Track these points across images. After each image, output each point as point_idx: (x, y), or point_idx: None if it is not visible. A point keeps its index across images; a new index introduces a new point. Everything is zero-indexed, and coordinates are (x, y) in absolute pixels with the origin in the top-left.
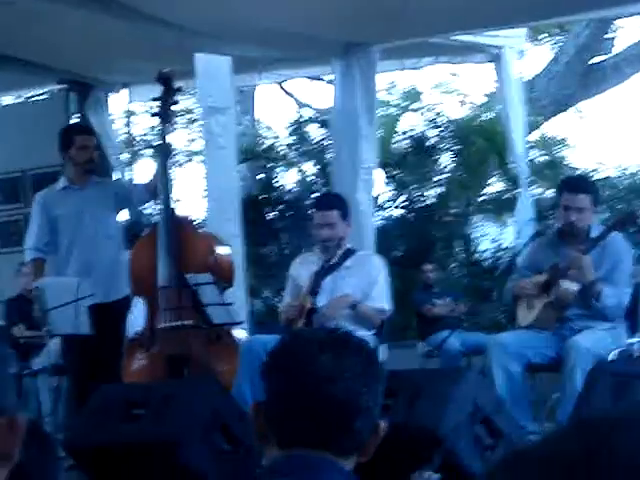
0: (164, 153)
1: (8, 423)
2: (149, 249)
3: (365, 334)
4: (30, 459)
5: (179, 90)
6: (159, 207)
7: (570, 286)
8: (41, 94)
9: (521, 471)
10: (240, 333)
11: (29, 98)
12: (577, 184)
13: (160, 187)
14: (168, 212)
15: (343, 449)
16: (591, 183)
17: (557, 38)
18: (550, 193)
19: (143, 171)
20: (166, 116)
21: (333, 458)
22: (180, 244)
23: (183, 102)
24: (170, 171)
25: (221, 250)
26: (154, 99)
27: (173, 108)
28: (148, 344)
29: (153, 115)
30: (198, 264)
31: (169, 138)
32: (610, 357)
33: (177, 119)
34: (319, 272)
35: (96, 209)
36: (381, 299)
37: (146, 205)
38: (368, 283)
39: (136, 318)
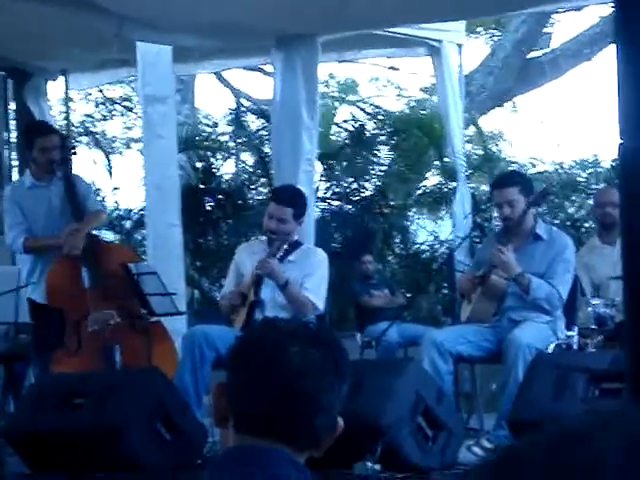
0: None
1: None
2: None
3: None
4: None
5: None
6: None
7: (498, 279)
8: None
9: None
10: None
11: None
12: (502, 179)
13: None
14: None
15: (300, 444)
16: (517, 175)
17: (492, 31)
18: (487, 187)
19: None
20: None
21: (289, 451)
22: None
23: (121, 89)
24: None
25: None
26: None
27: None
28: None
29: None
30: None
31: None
32: (549, 349)
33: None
34: None
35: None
36: (314, 293)
37: None
38: (305, 275)
39: None
